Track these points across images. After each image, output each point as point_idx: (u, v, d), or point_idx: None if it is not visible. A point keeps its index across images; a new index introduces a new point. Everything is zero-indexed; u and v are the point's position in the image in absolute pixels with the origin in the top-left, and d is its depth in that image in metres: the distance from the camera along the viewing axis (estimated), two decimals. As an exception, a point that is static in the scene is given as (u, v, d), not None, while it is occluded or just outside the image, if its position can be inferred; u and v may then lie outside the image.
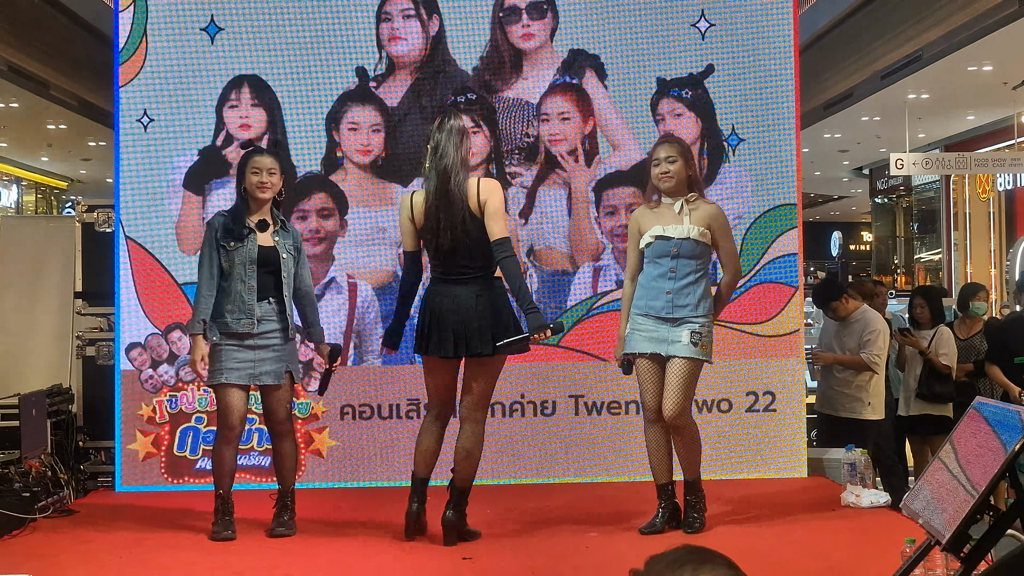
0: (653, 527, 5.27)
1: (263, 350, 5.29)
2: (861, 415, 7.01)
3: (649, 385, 5.25)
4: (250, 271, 5.26)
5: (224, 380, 5.26)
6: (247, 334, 5.25)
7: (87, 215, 6.97)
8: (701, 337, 5.14)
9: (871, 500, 5.71)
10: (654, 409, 5.24)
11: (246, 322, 5.25)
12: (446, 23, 6.67)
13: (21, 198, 21.01)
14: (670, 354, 5.15)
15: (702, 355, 5.17)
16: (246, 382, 5.29)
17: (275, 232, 5.37)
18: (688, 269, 5.17)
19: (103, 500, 6.39)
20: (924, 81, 14.09)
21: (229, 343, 5.26)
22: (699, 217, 5.20)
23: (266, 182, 5.31)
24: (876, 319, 7.08)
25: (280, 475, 5.44)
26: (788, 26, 6.68)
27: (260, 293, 5.29)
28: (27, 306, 7.61)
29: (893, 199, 24.42)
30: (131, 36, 6.62)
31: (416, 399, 6.57)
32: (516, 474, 6.43)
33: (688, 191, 5.24)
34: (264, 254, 5.31)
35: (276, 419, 5.38)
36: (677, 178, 5.20)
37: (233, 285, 5.27)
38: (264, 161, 5.35)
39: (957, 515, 4.64)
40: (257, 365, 5.28)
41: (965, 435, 5.11)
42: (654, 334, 5.18)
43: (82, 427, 6.88)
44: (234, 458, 5.41)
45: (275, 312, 5.32)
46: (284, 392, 5.38)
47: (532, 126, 6.67)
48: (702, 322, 5.16)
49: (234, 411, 5.28)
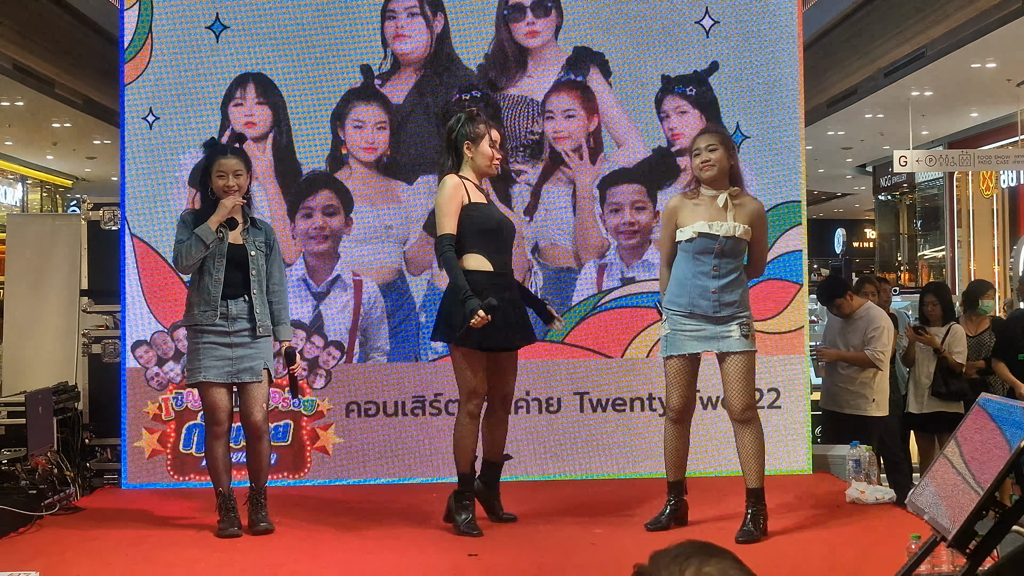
0: (659, 523, 5.25)
1: (239, 347, 5.30)
2: (865, 412, 7.01)
3: (678, 386, 5.17)
4: (218, 265, 5.27)
5: (203, 379, 5.28)
6: (220, 331, 5.27)
7: (93, 213, 6.99)
8: (750, 329, 5.12)
9: (876, 496, 5.71)
10: (679, 409, 5.18)
11: (210, 314, 5.26)
12: (451, 21, 6.68)
13: (26, 196, 21.03)
14: (723, 350, 5.09)
15: (752, 346, 5.13)
16: (225, 380, 5.30)
17: (245, 230, 5.38)
18: (731, 267, 5.10)
19: (109, 497, 6.41)
20: (928, 78, 14.09)
21: (205, 341, 5.28)
22: (744, 214, 5.11)
23: (232, 185, 5.30)
24: (880, 316, 7.09)
25: (254, 474, 5.41)
26: (792, 23, 6.69)
27: (231, 290, 5.30)
28: (33, 304, 7.62)
29: (896, 196, 24.40)
30: (136, 34, 6.63)
31: (422, 396, 6.58)
32: (521, 471, 6.44)
33: (730, 184, 5.14)
34: (233, 251, 5.31)
35: (253, 420, 5.36)
36: (719, 167, 5.08)
37: (202, 279, 5.30)
38: (229, 164, 5.33)
39: (962, 511, 4.65)
40: (235, 363, 5.30)
41: (970, 432, 5.12)
42: (701, 332, 5.09)
43: (88, 424, 6.88)
44: (227, 454, 5.41)
45: (247, 310, 5.33)
46: (262, 390, 5.37)
47: (537, 123, 6.68)
48: (747, 315, 5.14)
49: (219, 407, 5.31)
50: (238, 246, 5.33)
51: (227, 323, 5.29)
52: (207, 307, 5.27)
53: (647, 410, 6.60)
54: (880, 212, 26.11)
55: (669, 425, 5.26)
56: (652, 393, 6.59)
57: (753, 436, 5.10)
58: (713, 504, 5.59)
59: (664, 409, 5.49)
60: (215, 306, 5.26)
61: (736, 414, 5.10)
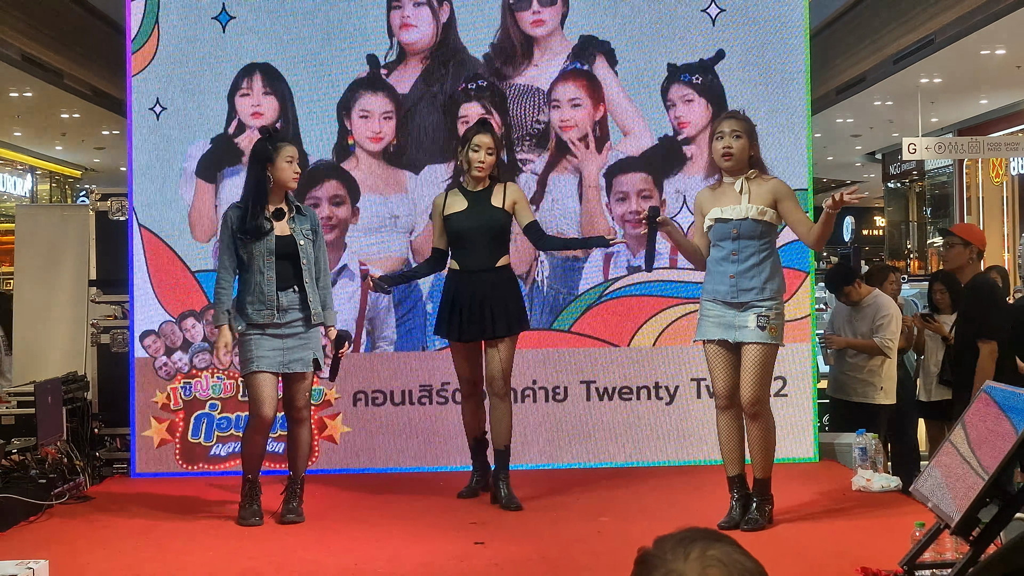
0: (731, 521, 4.99)
1: (290, 338, 5.30)
2: (873, 400, 7.01)
3: (718, 371, 5.06)
4: (268, 262, 5.25)
5: (255, 368, 5.26)
6: (273, 324, 5.27)
7: (101, 204, 7.01)
8: (768, 320, 4.93)
9: (882, 484, 5.72)
10: (723, 395, 5.06)
11: (267, 313, 5.25)
12: (456, 10, 6.68)
13: (36, 187, 21.08)
14: (738, 340, 4.97)
15: (771, 339, 4.95)
16: (277, 370, 5.29)
17: (291, 219, 5.35)
18: (751, 250, 4.96)
19: (118, 486, 6.44)
20: (937, 65, 14.04)
21: (256, 333, 5.27)
22: (760, 194, 4.97)
23: (298, 172, 5.37)
24: (888, 303, 7.08)
25: (293, 462, 5.43)
26: (799, 11, 6.67)
27: (282, 283, 5.28)
28: (43, 294, 7.65)
29: (906, 184, 24.34)
30: (143, 25, 6.65)
31: (428, 385, 6.61)
32: (528, 459, 6.46)
33: (748, 167, 5.03)
34: (282, 244, 5.29)
35: (296, 406, 5.37)
36: (738, 156, 4.98)
37: (253, 277, 5.27)
38: (295, 150, 5.36)
39: (967, 498, 4.66)
40: (286, 353, 5.29)
41: (976, 418, 5.12)
42: (722, 319, 4.99)
43: (97, 414, 6.91)
44: (264, 446, 5.44)
45: (299, 300, 5.32)
46: (307, 379, 5.39)
47: (543, 112, 6.68)
48: (768, 305, 4.94)
49: (268, 400, 5.28)
50: (286, 237, 5.31)
51: (278, 315, 5.28)
52: (262, 306, 5.26)
53: (653, 399, 6.61)
54: (889, 200, 26.06)
55: (719, 414, 5.12)
56: (659, 382, 6.61)
57: (760, 430, 5.01)
58: (716, 491, 5.59)
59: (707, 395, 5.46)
60: (271, 305, 5.26)
61: (745, 407, 4.99)
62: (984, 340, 6.28)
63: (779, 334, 5.00)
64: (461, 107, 6.66)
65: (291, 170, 5.30)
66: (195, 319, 6.61)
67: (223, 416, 6.61)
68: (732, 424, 5.07)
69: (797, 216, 5.07)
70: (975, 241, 6.61)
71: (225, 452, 6.58)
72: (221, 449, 6.60)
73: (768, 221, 4.98)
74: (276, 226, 5.29)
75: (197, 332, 6.60)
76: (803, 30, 6.67)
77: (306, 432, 5.45)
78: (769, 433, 5.04)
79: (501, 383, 5.60)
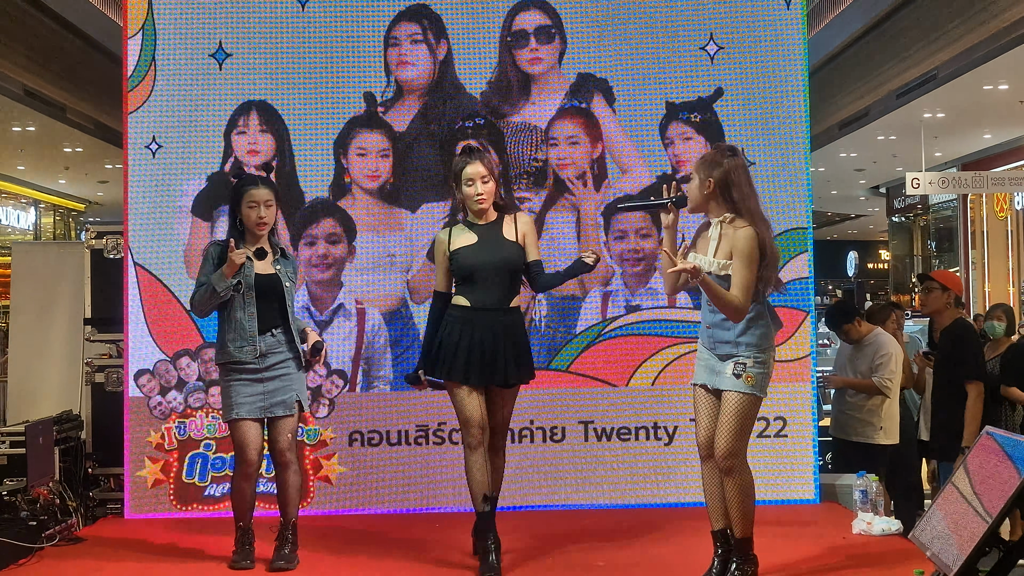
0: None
1: (272, 381, 5.20)
2: (873, 439, 6.93)
3: (699, 418, 4.81)
4: (248, 299, 5.17)
5: (236, 415, 5.16)
6: (255, 368, 5.17)
7: (96, 241, 6.98)
8: (745, 368, 4.64)
9: (882, 528, 5.64)
10: (702, 444, 4.79)
11: (248, 350, 5.16)
12: (454, 48, 6.66)
13: (39, 220, 21.11)
14: (716, 386, 4.72)
15: (747, 388, 4.64)
16: (258, 415, 5.18)
17: (275, 260, 5.29)
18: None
19: (111, 527, 6.37)
20: (940, 100, 14.04)
21: (238, 378, 5.18)
22: (725, 246, 4.67)
23: (264, 216, 5.21)
24: (888, 342, 7.01)
25: (283, 507, 5.31)
26: (799, 49, 6.64)
27: (264, 324, 5.20)
28: (39, 332, 7.62)
29: (910, 218, 24.32)
30: (140, 62, 6.63)
31: (425, 425, 6.54)
32: (524, 501, 6.39)
33: (724, 210, 4.71)
34: (264, 283, 5.21)
35: (279, 449, 5.25)
36: (691, 196, 4.75)
37: (233, 313, 5.19)
38: (260, 194, 5.21)
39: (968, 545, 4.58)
40: (267, 397, 5.19)
41: (979, 461, 5.05)
42: (708, 363, 4.77)
43: (91, 454, 6.86)
44: (254, 491, 5.32)
45: (282, 342, 5.23)
46: (291, 421, 5.27)
47: (540, 150, 6.65)
48: (747, 355, 4.66)
49: (250, 446, 5.17)
50: (270, 276, 5.22)
51: (257, 361, 5.17)
52: (243, 342, 5.16)
53: (652, 439, 6.54)
54: (894, 233, 26.03)
55: (701, 463, 4.85)
56: (657, 422, 6.54)
57: (734, 487, 4.68)
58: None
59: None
60: (253, 341, 5.16)
61: (717, 459, 4.69)
62: (970, 382, 6.33)
63: (757, 383, 4.66)
64: (458, 145, 6.61)
65: (254, 214, 5.18)
66: (190, 358, 6.55)
67: (218, 456, 6.54)
68: (713, 475, 4.77)
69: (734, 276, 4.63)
70: (953, 287, 6.65)
71: (219, 492, 6.51)
72: (215, 489, 6.53)
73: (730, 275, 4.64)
74: (258, 264, 5.20)
75: (192, 371, 6.55)
76: (802, 68, 6.65)
77: (293, 476, 5.29)
78: (744, 490, 4.69)
79: (501, 437, 5.35)
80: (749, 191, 4.72)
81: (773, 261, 4.73)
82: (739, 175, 4.70)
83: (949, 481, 5.24)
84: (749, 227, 4.64)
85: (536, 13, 6.69)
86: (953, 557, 4.61)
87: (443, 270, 5.30)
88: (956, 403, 6.36)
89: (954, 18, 12.15)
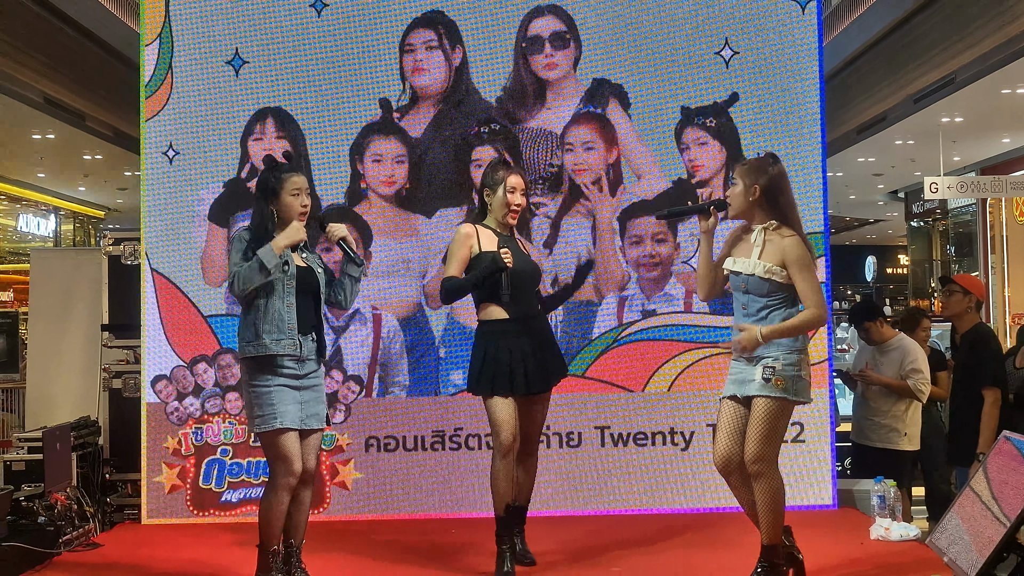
0: None
1: (307, 391, 4.85)
2: (897, 445, 6.90)
3: (719, 434, 4.77)
4: (288, 287, 4.77)
5: (279, 425, 4.72)
6: (295, 374, 4.79)
7: (113, 248, 7.01)
8: (775, 372, 4.60)
9: (901, 534, 5.61)
10: (717, 462, 4.76)
11: (287, 343, 4.74)
12: (469, 54, 6.67)
13: (59, 227, 21.20)
14: (745, 394, 4.67)
15: (778, 392, 4.59)
16: (298, 425, 4.79)
17: (305, 256, 4.96)
18: (759, 305, 4.69)
19: (129, 533, 6.39)
20: (958, 104, 13.96)
21: (280, 384, 4.76)
22: (771, 251, 4.66)
23: (307, 204, 4.86)
24: (916, 348, 6.97)
25: (295, 529, 4.89)
26: (813, 53, 6.62)
27: (303, 325, 4.81)
28: (57, 338, 7.67)
29: (929, 222, 24.19)
30: (156, 70, 6.67)
31: (441, 431, 6.55)
32: (540, 506, 6.37)
33: (769, 218, 4.73)
34: (303, 275, 4.85)
35: (308, 465, 4.85)
36: (735, 203, 4.76)
37: (271, 303, 4.76)
38: (301, 180, 4.86)
39: (987, 551, 4.55)
40: (305, 407, 4.83)
41: (997, 466, 5.03)
42: (737, 376, 4.73)
43: (109, 459, 6.89)
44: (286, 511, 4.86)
45: (315, 350, 4.89)
46: (319, 438, 4.95)
47: (556, 156, 6.65)
48: (775, 356, 4.63)
49: (296, 457, 4.76)
50: (306, 269, 4.87)
51: (298, 366, 4.80)
52: (281, 335, 4.73)
53: (669, 444, 6.53)
54: (912, 238, 25.90)
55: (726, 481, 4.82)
56: (674, 427, 6.53)
57: (762, 492, 4.63)
58: (732, 541, 5.49)
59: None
60: (291, 335, 4.75)
61: (746, 464, 4.64)
62: (988, 388, 6.27)
63: (789, 387, 4.62)
64: (474, 151, 6.64)
65: (298, 203, 4.82)
66: (207, 364, 6.58)
67: (234, 462, 6.56)
68: (740, 490, 4.76)
69: (799, 285, 4.65)
70: (975, 291, 6.59)
71: (236, 498, 6.53)
72: (232, 495, 6.55)
73: (776, 280, 4.66)
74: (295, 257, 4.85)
75: (208, 377, 6.57)
76: (817, 72, 6.63)
77: (309, 494, 4.94)
78: (773, 495, 4.64)
79: (535, 443, 5.41)
80: (792, 198, 4.82)
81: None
82: (783, 183, 4.79)
83: (967, 486, 5.22)
84: (795, 235, 4.69)
85: (551, 19, 6.69)
86: (971, 562, 4.60)
87: (461, 264, 5.23)
88: (974, 409, 6.32)
89: (972, 22, 12.08)
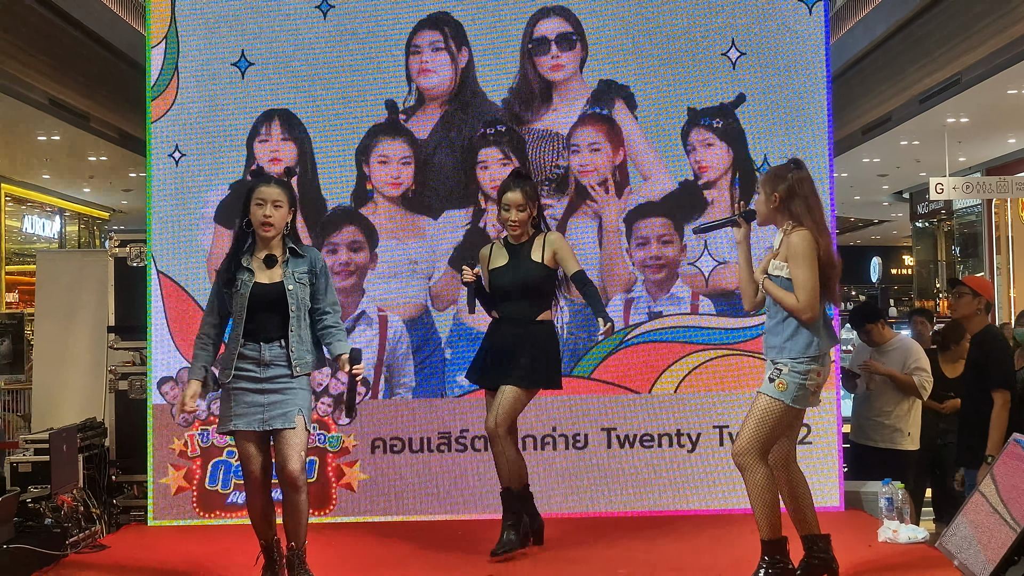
0: None
1: (272, 393, 4.88)
2: (900, 445, 6.90)
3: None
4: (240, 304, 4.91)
5: (232, 428, 4.92)
6: (255, 378, 4.89)
7: (119, 249, 7.01)
8: (780, 375, 4.70)
9: (908, 536, 5.60)
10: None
11: (225, 372, 4.93)
12: (475, 55, 6.67)
13: (64, 228, 21.21)
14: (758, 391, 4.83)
15: (776, 393, 4.69)
16: (258, 427, 4.87)
17: (284, 263, 4.97)
18: (775, 308, 4.80)
19: (135, 534, 6.39)
20: (963, 105, 13.94)
21: (239, 386, 4.90)
22: (783, 251, 4.80)
23: (271, 216, 4.89)
24: (917, 347, 6.99)
25: (293, 531, 4.91)
26: (820, 54, 6.62)
27: (268, 334, 4.91)
28: (63, 339, 7.66)
29: (934, 223, 24.15)
30: (162, 72, 6.67)
31: (447, 432, 6.54)
32: (547, 507, 6.36)
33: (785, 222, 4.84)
34: (264, 293, 4.92)
35: (288, 469, 4.85)
36: (759, 212, 4.91)
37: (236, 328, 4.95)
38: (270, 192, 4.91)
39: (997, 555, 4.54)
40: (267, 409, 4.86)
41: (1006, 469, 5.02)
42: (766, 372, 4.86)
43: (115, 461, 6.89)
44: (267, 505, 5.01)
45: (283, 356, 4.93)
46: (297, 437, 4.88)
47: (562, 157, 6.64)
48: (786, 361, 4.71)
49: (253, 458, 4.93)
50: (272, 285, 4.92)
51: (259, 369, 4.89)
52: (234, 342, 4.90)
53: (675, 446, 6.52)
54: (918, 239, 25.86)
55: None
56: (680, 429, 6.52)
57: (748, 484, 4.73)
58: (737, 542, 5.48)
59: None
60: (229, 364, 4.91)
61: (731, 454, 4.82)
62: (998, 390, 6.24)
63: (788, 392, 4.68)
64: (480, 152, 6.64)
65: (260, 212, 4.88)
66: (213, 365, 6.57)
67: (240, 463, 6.54)
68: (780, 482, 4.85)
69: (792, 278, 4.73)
70: (984, 293, 6.58)
71: (242, 500, 6.49)
72: (238, 497, 6.54)
73: (788, 278, 4.74)
74: (265, 273, 4.93)
75: (214, 379, 6.57)
76: (825, 73, 6.62)
77: (302, 499, 4.88)
78: (757, 489, 4.70)
79: (492, 423, 5.44)
80: (814, 202, 4.85)
81: (833, 273, 4.80)
82: (803, 187, 4.84)
83: (976, 489, 5.21)
84: (803, 230, 4.75)
85: (557, 20, 6.68)
86: (981, 566, 4.59)
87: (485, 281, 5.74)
88: (983, 411, 6.31)
89: (977, 22, 12.05)
